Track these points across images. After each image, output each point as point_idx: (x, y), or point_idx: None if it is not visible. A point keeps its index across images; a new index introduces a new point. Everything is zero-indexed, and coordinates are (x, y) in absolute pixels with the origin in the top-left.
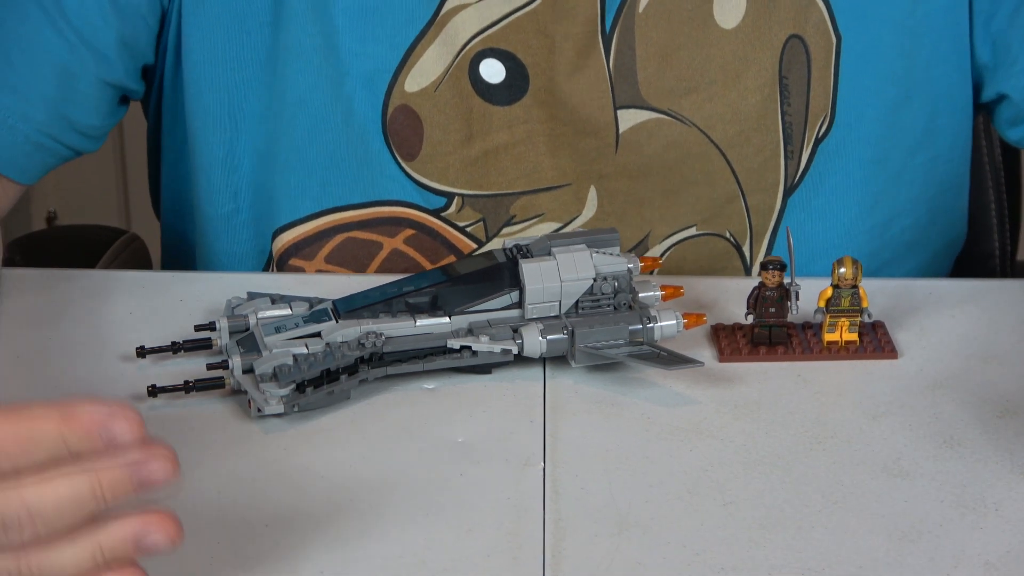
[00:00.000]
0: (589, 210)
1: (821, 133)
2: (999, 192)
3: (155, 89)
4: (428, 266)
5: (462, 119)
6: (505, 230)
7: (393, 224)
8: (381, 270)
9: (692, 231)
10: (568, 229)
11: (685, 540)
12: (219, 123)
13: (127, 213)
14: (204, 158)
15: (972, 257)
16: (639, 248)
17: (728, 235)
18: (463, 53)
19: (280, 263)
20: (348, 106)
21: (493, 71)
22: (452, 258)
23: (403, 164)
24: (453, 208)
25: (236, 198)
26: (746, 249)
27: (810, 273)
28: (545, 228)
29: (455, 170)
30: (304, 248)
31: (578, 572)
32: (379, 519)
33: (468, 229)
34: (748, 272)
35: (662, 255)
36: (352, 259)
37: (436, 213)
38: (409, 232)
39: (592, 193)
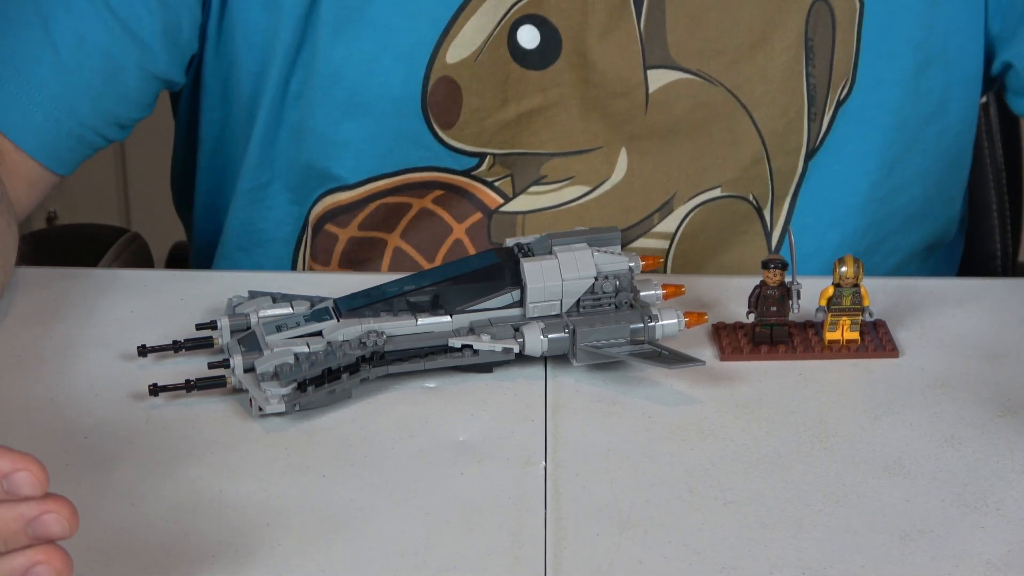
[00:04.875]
0: (619, 173)
1: (843, 96)
2: (1000, 193)
3: (190, 78)
4: (454, 224)
5: (499, 85)
6: (534, 188)
7: (423, 187)
8: (409, 229)
9: (717, 192)
10: (597, 194)
11: (686, 539)
12: (257, 100)
13: (127, 213)
14: (242, 136)
15: (974, 258)
16: (663, 209)
17: (751, 198)
18: (504, 21)
19: (316, 229)
20: (384, 79)
21: (529, 37)
22: (478, 215)
23: (440, 132)
24: (484, 167)
25: (271, 169)
26: (767, 213)
27: (828, 240)
28: (574, 191)
29: (489, 133)
30: (339, 215)
31: (579, 571)
32: (379, 518)
33: (496, 183)
34: (768, 236)
35: (685, 217)
36: (383, 223)
37: (467, 173)
38: (438, 193)
39: (623, 154)
